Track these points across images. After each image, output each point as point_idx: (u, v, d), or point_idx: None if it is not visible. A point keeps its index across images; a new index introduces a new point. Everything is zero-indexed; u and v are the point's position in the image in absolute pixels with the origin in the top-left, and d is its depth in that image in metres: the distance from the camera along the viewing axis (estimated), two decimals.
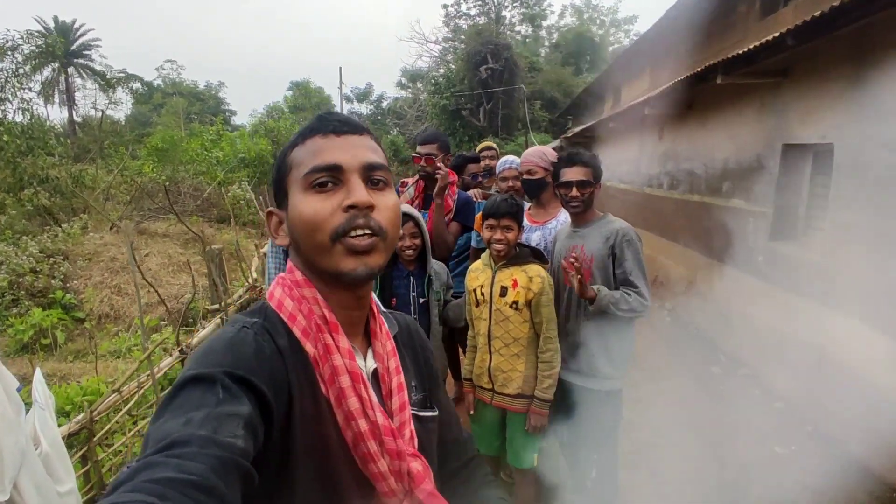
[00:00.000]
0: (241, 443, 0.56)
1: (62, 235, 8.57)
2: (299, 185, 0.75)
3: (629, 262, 2.24)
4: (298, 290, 0.77)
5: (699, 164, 6.94)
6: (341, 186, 0.74)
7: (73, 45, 30.30)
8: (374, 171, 0.77)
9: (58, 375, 4.77)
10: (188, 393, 0.59)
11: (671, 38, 8.87)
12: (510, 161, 3.13)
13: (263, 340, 0.70)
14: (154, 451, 0.52)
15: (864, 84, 3.88)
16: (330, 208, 0.73)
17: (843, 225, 4.13)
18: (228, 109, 41.69)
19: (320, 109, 34.85)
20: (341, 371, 0.74)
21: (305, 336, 0.74)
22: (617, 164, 11.76)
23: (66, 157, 12.39)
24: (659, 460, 3.44)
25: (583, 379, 2.38)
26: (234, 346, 0.67)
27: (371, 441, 0.74)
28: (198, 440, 0.53)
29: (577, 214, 2.38)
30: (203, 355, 0.65)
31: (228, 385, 0.60)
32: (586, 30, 30.98)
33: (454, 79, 23.86)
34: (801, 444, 3.64)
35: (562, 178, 2.35)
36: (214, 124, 16.18)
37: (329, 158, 0.74)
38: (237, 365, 0.63)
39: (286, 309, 0.76)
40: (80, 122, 27.85)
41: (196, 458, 0.51)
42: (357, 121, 0.81)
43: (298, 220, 0.74)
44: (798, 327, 4.40)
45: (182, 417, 0.55)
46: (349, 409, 0.74)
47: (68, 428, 2.24)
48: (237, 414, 0.58)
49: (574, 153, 2.39)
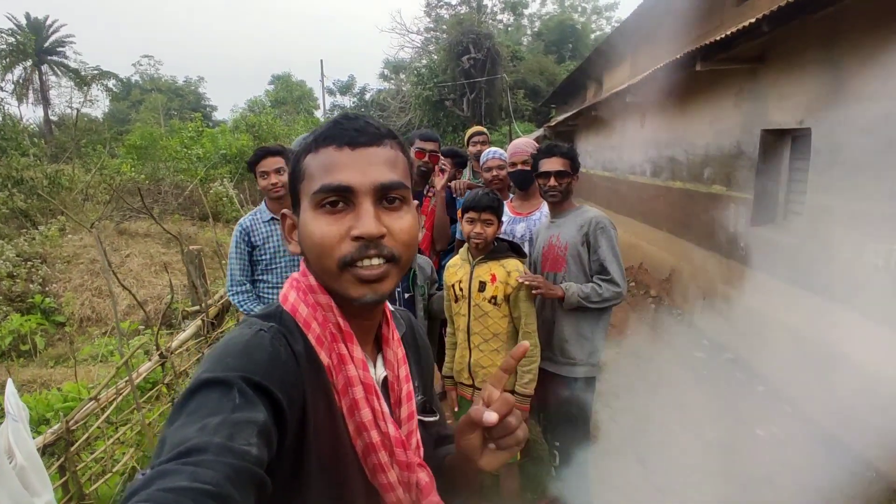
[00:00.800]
0: (255, 451, 0.55)
1: (39, 238, 8.39)
2: (309, 201, 0.72)
3: (603, 249, 2.29)
4: (313, 295, 0.75)
5: (681, 150, 6.98)
6: (351, 209, 0.71)
7: (46, 42, 29.63)
8: (388, 192, 0.73)
9: (38, 382, 4.69)
10: (204, 397, 0.58)
11: (651, 26, 8.88)
12: (495, 152, 3.13)
13: (280, 345, 0.68)
14: (169, 457, 0.51)
15: (838, 68, 3.91)
16: (338, 234, 0.70)
17: (822, 208, 4.17)
18: (209, 105, 41.15)
19: (302, 103, 34.53)
20: (355, 382, 0.73)
21: (320, 344, 0.73)
22: (600, 152, 11.80)
23: (42, 157, 12.13)
24: (644, 445, 3.48)
25: (555, 366, 2.42)
26: (250, 350, 0.65)
27: (382, 452, 0.74)
28: (213, 448, 0.52)
29: (555, 204, 2.43)
30: (219, 358, 0.64)
31: (245, 390, 0.59)
32: (568, 17, 30.89)
33: (437, 69, 23.68)
34: (783, 426, 3.70)
35: (541, 168, 2.39)
36: (194, 120, 15.91)
37: (339, 178, 0.70)
38: (254, 370, 0.62)
39: (301, 315, 0.74)
40: (56, 120, 27.28)
41: (211, 466, 0.50)
42: (377, 127, 0.75)
43: (307, 240, 0.73)
44: (780, 311, 4.46)
45: (198, 423, 0.55)
46: (361, 420, 0.73)
47: (44, 439, 2.20)
48: (253, 421, 0.57)
49: (553, 145, 2.43)
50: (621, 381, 4.35)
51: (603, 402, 3.93)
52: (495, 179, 3.05)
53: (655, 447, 3.46)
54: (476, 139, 3.96)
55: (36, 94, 29.57)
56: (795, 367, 4.05)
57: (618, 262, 2.30)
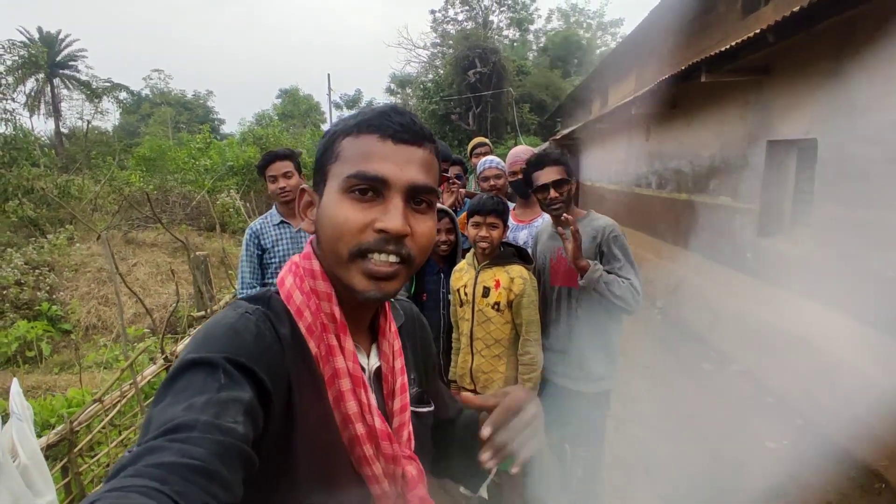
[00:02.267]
0: (241, 428, 0.55)
1: (48, 247, 8.46)
2: (338, 183, 0.71)
3: (619, 257, 2.17)
4: (312, 281, 0.75)
5: (686, 162, 6.99)
6: (380, 201, 0.70)
7: (58, 55, 30.09)
8: (419, 193, 0.73)
9: (43, 388, 4.69)
10: (190, 377, 0.58)
11: (655, 39, 8.95)
12: (491, 161, 3.14)
13: (265, 328, 0.68)
14: (156, 435, 0.51)
15: (845, 79, 3.91)
16: (361, 222, 0.69)
17: (829, 219, 4.16)
18: (217, 118, 41.60)
19: (309, 117, 34.86)
20: (342, 374, 0.72)
21: (310, 333, 0.72)
22: (606, 165, 11.82)
23: (53, 167, 12.28)
24: (652, 457, 3.43)
25: (574, 382, 2.32)
26: (235, 332, 0.65)
27: (367, 445, 0.73)
28: (200, 425, 0.52)
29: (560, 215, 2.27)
30: (203, 339, 0.64)
31: (230, 371, 0.59)
32: (573, 33, 31.16)
33: (443, 83, 23.89)
34: (793, 438, 3.64)
35: (536, 182, 2.24)
36: (202, 133, 16.09)
37: (377, 169, 0.70)
38: (238, 352, 0.62)
39: (294, 302, 0.73)
40: (67, 132, 27.64)
41: (198, 442, 0.50)
42: (421, 127, 0.74)
43: (327, 221, 0.72)
44: (788, 322, 4.42)
45: (184, 402, 0.55)
46: (347, 413, 0.72)
47: (47, 439, 2.19)
48: (238, 399, 0.57)
49: (542, 154, 2.29)
50: (628, 393, 4.31)
51: (609, 413, 3.89)
52: (493, 189, 3.05)
53: (662, 460, 3.42)
54: (479, 150, 3.97)
55: (48, 107, 29.99)
56: (805, 378, 4.00)
57: (635, 269, 2.18)
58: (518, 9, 30.41)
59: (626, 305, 2.11)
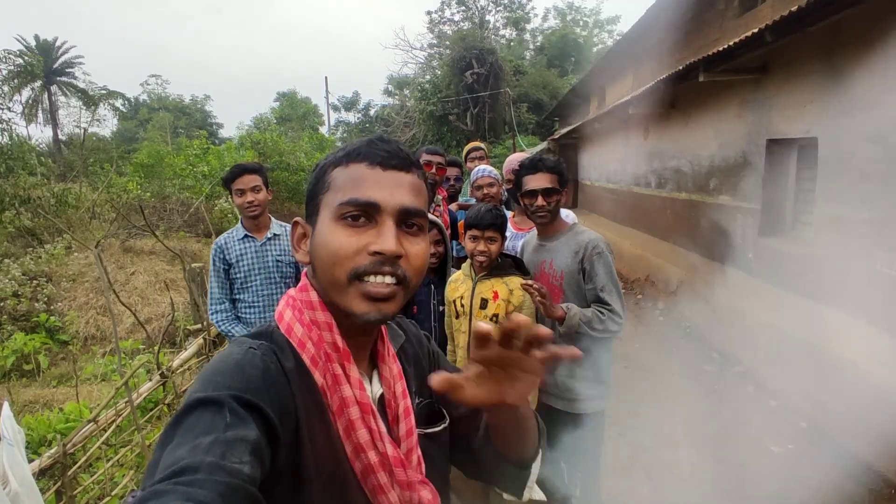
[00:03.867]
0: (248, 469, 0.55)
1: (45, 257, 8.43)
2: (331, 212, 0.73)
3: (601, 277, 2.08)
4: (311, 312, 0.75)
5: (685, 161, 6.95)
6: (373, 226, 0.72)
7: (55, 63, 30.07)
8: (410, 217, 0.74)
9: (40, 402, 4.65)
10: (195, 417, 0.58)
11: (652, 38, 8.90)
12: (484, 170, 3.11)
13: (270, 362, 0.68)
14: (161, 478, 0.51)
15: (844, 77, 3.88)
16: (356, 247, 0.71)
17: (831, 218, 4.12)
18: (215, 122, 41.58)
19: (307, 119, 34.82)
20: (351, 402, 0.72)
21: (314, 365, 0.72)
22: (604, 164, 11.79)
23: (50, 175, 12.24)
24: (654, 462, 3.40)
25: (562, 403, 2.25)
26: (240, 369, 0.65)
27: (381, 473, 0.73)
28: (205, 467, 0.52)
29: (544, 225, 2.25)
30: (210, 377, 0.64)
31: (235, 409, 0.59)
32: (570, 31, 31.12)
33: (440, 84, 23.86)
34: (798, 441, 3.60)
35: (525, 186, 2.18)
36: (198, 138, 16.05)
37: (368, 194, 0.72)
38: (245, 388, 0.62)
39: (295, 335, 0.74)
40: (65, 140, 27.62)
41: (203, 485, 0.50)
42: (407, 154, 0.77)
43: (322, 249, 0.73)
44: (790, 323, 4.38)
45: (190, 443, 0.55)
46: (358, 441, 0.72)
47: (39, 463, 2.15)
48: (244, 439, 0.57)
49: (537, 159, 2.22)
50: (629, 396, 4.27)
51: (610, 417, 3.85)
52: (486, 197, 3.02)
53: (664, 464, 3.38)
54: (474, 154, 3.94)
55: (45, 115, 29.98)
56: (809, 380, 3.96)
57: (617, 291, 2.09)
58: (514, 8, 30.40)
59: (608, 335, 2.07)
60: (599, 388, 2.25)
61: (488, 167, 3.18)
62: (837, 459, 3.34)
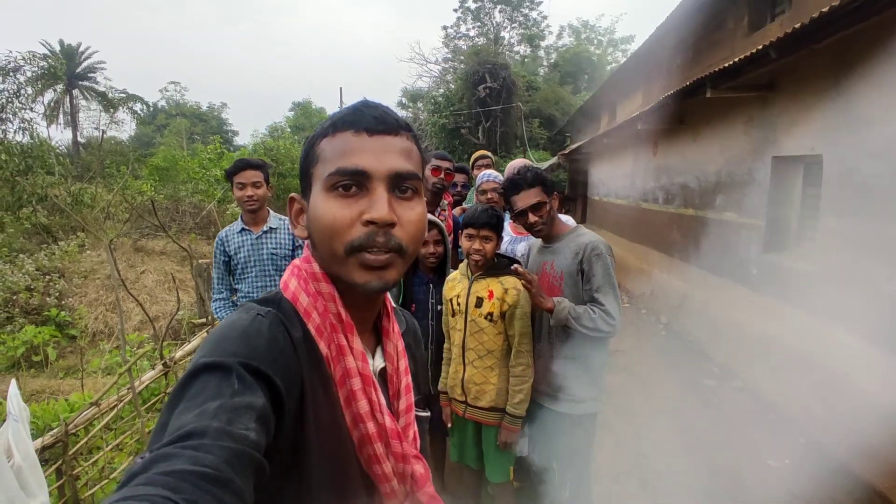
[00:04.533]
0: (254, 435, 0.55)
1: (59, 253, 8.60)
2: (322, 183, 0.72)
3: (598, 278, 2.11)
4: (315, 283, 0.75)
5: (692, 178, 6.97)
6: (365, 194, 0.71)
7: (78, 67, 30.73)
8: (403, 181, 0.73)
9: (47, 392, 4.74)
10: (203, 381, 0.58)
11: (663, 56, 8.98)
12: (489, 175, 3.16)
13: (278, 331, 0.68)
14: (168, 441, 0.51)
15: (848, 95, 3.90)
16: (349, 218, 0.70)
17: (835, 235, 4.12)
18: (231, 130, 42.08)
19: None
20: (353, 373, 0.73)
21: (319, 334, 0.73)
22: (613, 180, 11.82)
23: (67, 175, 12.50)
24: (651, 473, 3.39)
25: (552, 402, 2.28)
26: (248, 336, 0.65)
27: (378, 443, 0.74)
28: (212, 432, 0.52)
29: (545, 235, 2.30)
30: (217, 342, 0.63)
31: (243, 376, 0.59)
32: (584, 49, 31.33)
33: (453, 98, 24.06)
34: (795, 456, 3.58)
35: (514, 207, 2.21)
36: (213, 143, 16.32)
37: (356, 162, 0.71)
38: (252, 355, 0.62)
39: (301, 304, 0.74)
40: (83, 142, 28.14)
41: (210, 450, 0.50)
42: (394, 118, 0.76)
43: (317, 222, 0.73)
44: (792, 338, 4.37)
45: (197, 408, 0.54)
46: (358, 412, 0.73)
47: (42, 441, 2.21)
48: (251, 406, 0.57)
49: (516, 177, 2.22)
50: (629, 407, 4.27)
51: (609, 428, 3.85)
52: (490, 202, 3.07)
53: (661, 475, 3.37)
54: (480, 162, 4.00)
55: (66, 117, 30.59)
56: (808, 395, 3.94)
57: (614, 292, 2.11)
58: (529, 25, 30.69)
59: (599, 335, 2.08)
60: (592, 390, 2.26)
61: (493, 172, 3.24)
62: (834, 475, 3.32)
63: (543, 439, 2.37)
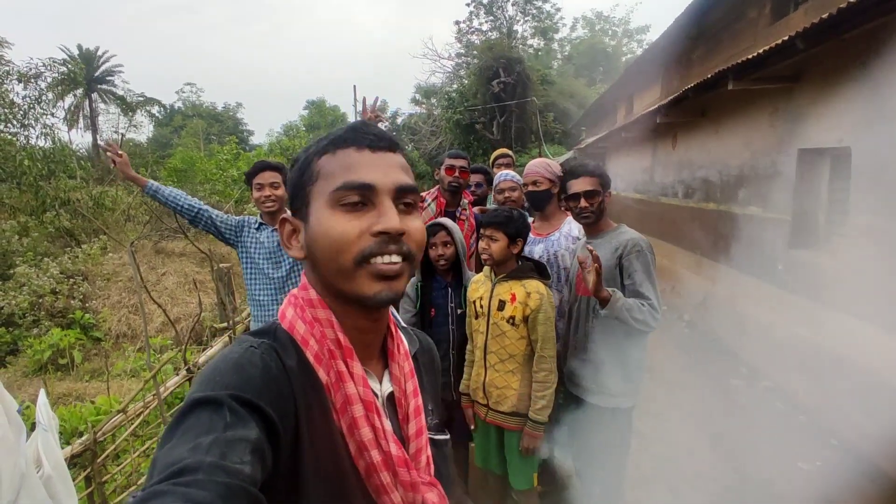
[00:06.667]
0: (248, 469, 0.54)
1: (82, 256, 8.75)
2: (326, 200, 0.72)
3: (639, 274, 2.12)
4: (312, 310, 0.74)
5: (714, 171, 6.83)
6: (371, 208, 0.71)
7: (96, 71, 31.23)
8: (405, 194, 0.74)
9: (73, 395, 4.82)
10: (195, 417, 0.57)
11: (681, 47, 8.81)
12: (506, 174, 3.13)
13: (270, 360, 0.67)
14: (162, 478, 0.50)
15: (878, 85, 3.78)
16: (358, 231, 0.70)
17: (866, 229, 4.00)
18: (246, 129, 42.49)
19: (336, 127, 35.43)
20: (354, 400, 0.71)
21: (318, 361, 0.72)
22: (631, 174, 11.66)
23: (89, 179, 12.71)
24: (677, 476, 3.33)
25: (591, 395, 2.28)
26: (240, 367, 0.64)
27: (384, 472, 0.72)
28: (205, 467, 0.51)
29: (590, 225, 2.32)
30: (209, 377, 0.63)
31: (235, 409, 0.58)
32: (599, 41, 31.00)
33: (467, 93, 23.96)
34: (827, 459, 3.49)
35: (569, 190, 2.28)
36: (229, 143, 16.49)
37: (363, 176, 0.71)
38: (244, 387, 0.61)
39: (298, 332, 0.73)
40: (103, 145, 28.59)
41: (203, 485, 0.49)
42: (392, 137, 0.78)
43: (323, 239, 0.71)
44: (821, 337, 4.26)
45: (190, 443, 0.54)
46: (362, 440, 0.71)
47: (72, 449, 2.24)
48: (245, 439, 0.56)
49: (578, 164, 2.32)
50: (653, 409, 4.20)
51: (634, 430, 3.79)
52: (507, 201, 3.05)
53: (688, 479, 3.31)
54: (501, 161, 3.97)
55: (86, 121, 31.14)
56: (840, 396, 3.84)
57: (654, 288, 2.12)
58: (543, 18, 30.39)
59: (646, 328, 2.08)
60: (628, 385, 2.26)
61: (511, 172, 3.21)
62: (867, 478, 3.23)
63: (576, 433, 2.35)
